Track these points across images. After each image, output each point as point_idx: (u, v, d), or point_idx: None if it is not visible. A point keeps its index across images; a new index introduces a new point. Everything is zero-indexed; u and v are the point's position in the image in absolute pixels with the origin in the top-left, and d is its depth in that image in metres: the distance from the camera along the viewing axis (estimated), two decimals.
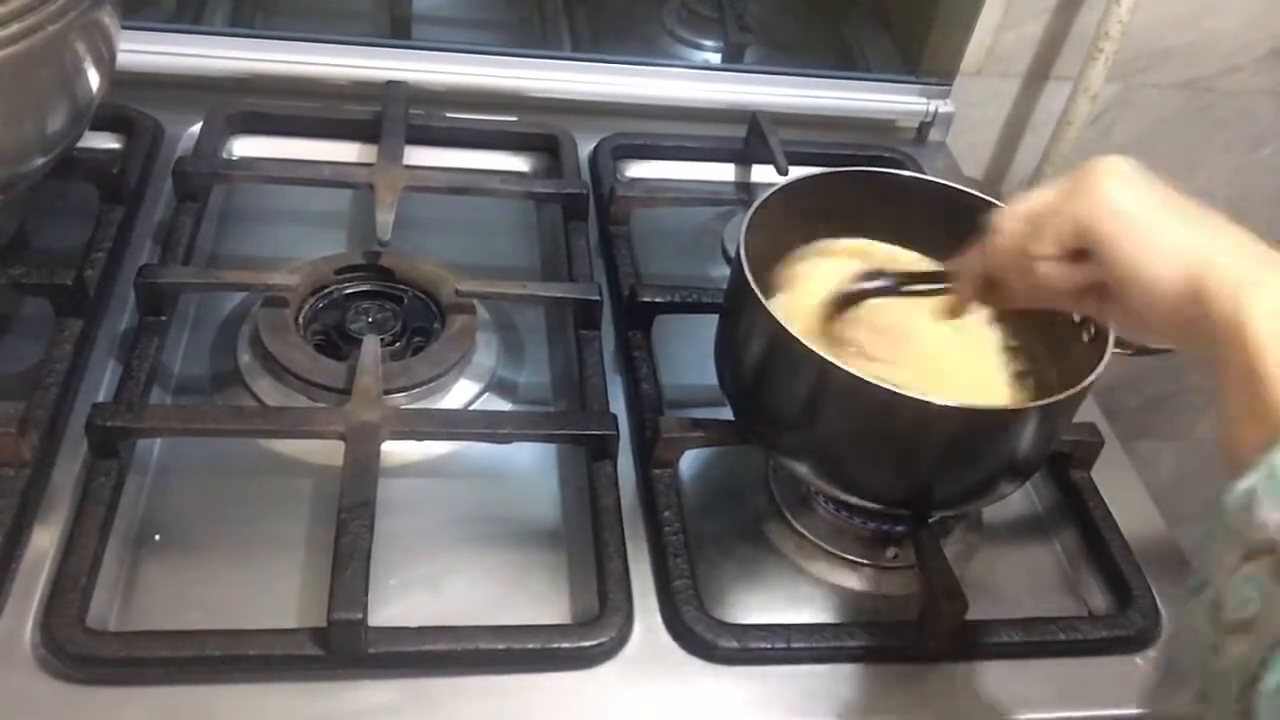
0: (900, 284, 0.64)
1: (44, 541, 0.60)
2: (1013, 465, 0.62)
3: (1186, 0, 1.06)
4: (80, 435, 0.63)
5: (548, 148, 0.94)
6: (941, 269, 0.64)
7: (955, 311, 0.61)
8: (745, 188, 0.96)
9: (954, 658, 0.62)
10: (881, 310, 0.65)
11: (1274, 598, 0.35)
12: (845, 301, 0.65)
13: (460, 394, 0.73)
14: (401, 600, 0.61)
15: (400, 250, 0.79)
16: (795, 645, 0.61)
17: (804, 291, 0.69)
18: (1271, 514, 0.35)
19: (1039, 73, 1.10)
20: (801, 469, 0.64)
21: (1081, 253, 0.49)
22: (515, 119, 0.96)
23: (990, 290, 0.56)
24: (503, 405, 0.74)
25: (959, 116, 1.07)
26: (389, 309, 0.76)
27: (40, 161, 0.69)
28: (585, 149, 0.95)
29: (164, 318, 0.72)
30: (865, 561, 0.67)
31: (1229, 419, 0.43)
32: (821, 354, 0.57)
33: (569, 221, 0.86)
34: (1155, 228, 0.47)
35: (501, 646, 0.58)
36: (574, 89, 1.00)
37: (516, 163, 0.95)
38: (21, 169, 0.68)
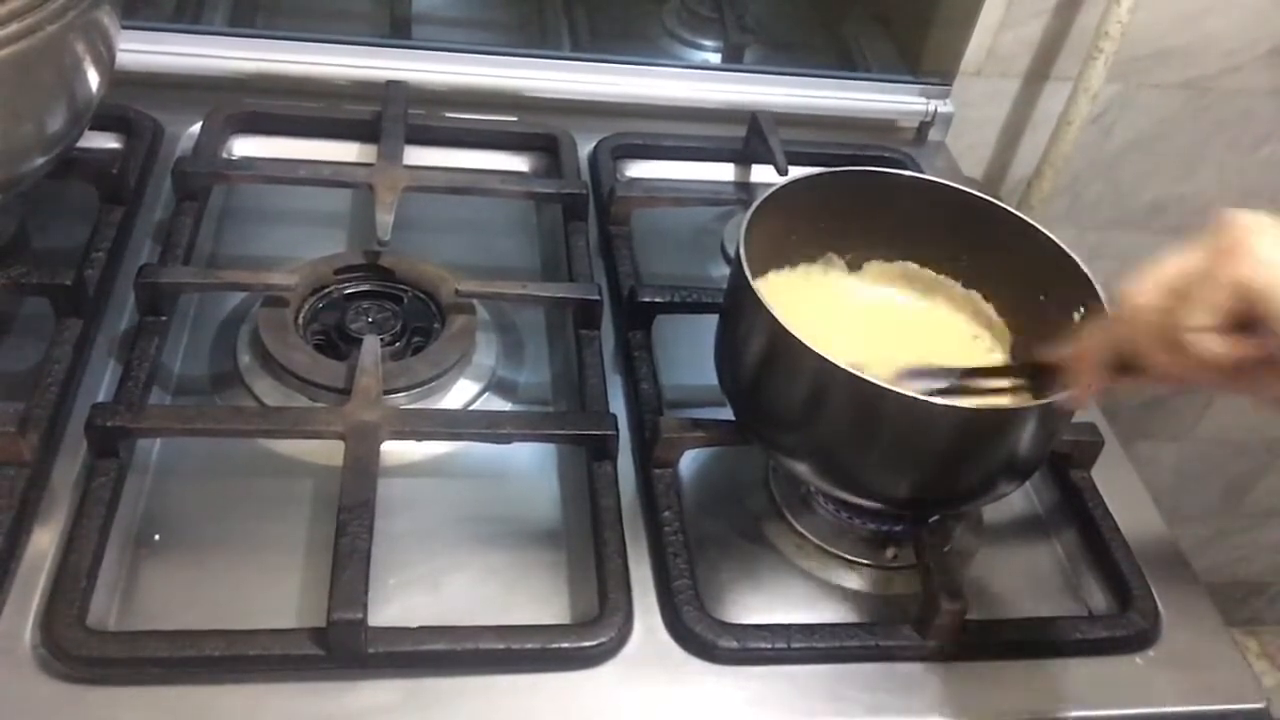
0: (965, 381, 0.63)
1: (44, 541, 0.60)
2: (1013, 465, 0.62)
3: (1186, 0, 1.06)
4: (80, 435, 0.63)
5: (548, 148, 0.94)
6: (1018, 363, 0.62)
7: (1080, 400, 0.57)
8: (745, 188, 0.96)
9: (954, 658, 0.62)
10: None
11: None
12: None
13: (460, 394, 0.73)
14: (401, 600, 0.61)
15: (400, 250, 0.79)
16: (795, 645, 0.61)
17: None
18: None
19: (1039, 73, 1.10)
20: (801, 469, 0.64)
21: (1240, 323, 0.46)
22: (515, 119, 0.96)
23: (1119, 373, 0.52)
24: (503, 405, 0.74)
25: (959, 116, 1.07)
26: (389, 309, 0.76)
27: (40, 161, 0.69)
28: (585, 149, 0.95)
29: (164, 318, 0.72)
30: (865, 561, 0.67)
31: None
32: (821, 353, 0.57)
33: (569, 221, 0.86)
34: None
35: (501, 646, 0.58)
36: (574, 89, 1.00)
37: (516, 163, 0.95)
38: (21, 169, 0.68)
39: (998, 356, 0.71)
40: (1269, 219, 0.46)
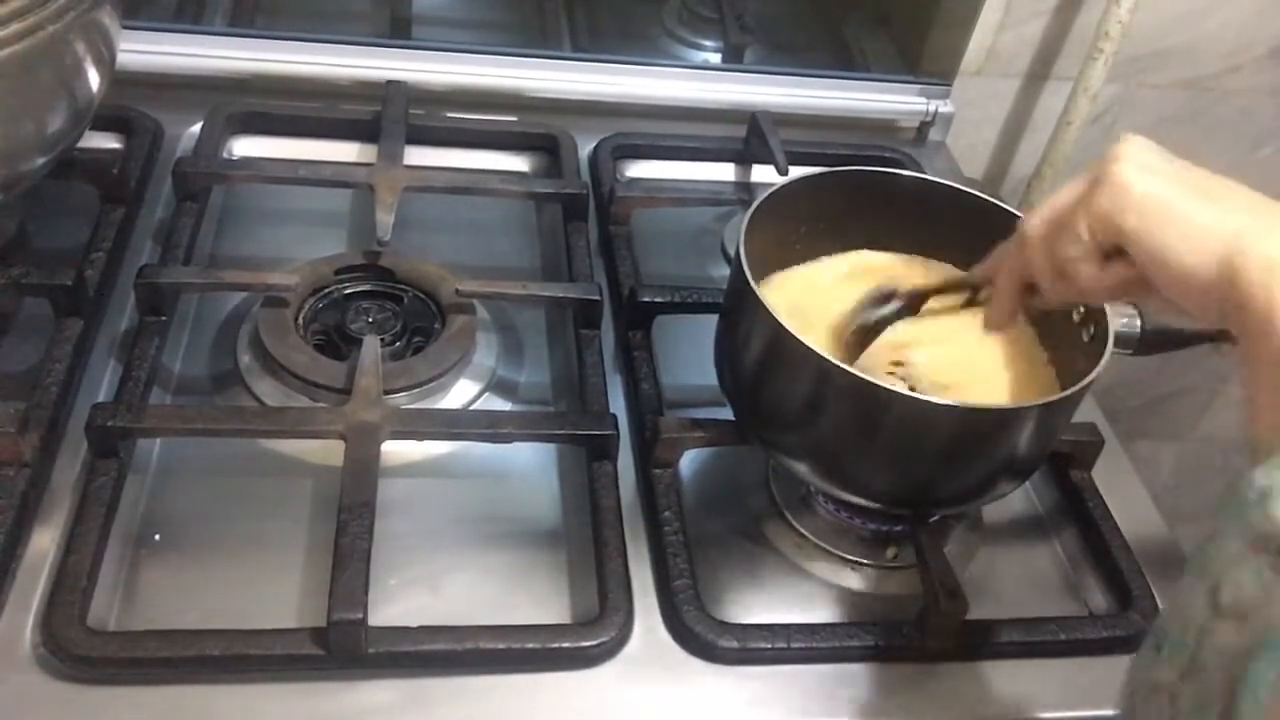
0: (917, 303, 0.64)
1: (44, 541, 0.60)
2: (1013, 465, 0.62)
3: (1186, 0, 1.06)
4: (80, 435, 0.63)
5: (548, 148, 0.94)
6: (960, 278, 0.64)
7: (998, 324, 0.59)
8: (745, 188, 0.96)
9: (954, 658, 0.62)
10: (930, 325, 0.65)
11: (1273, 590, 0.34)
12: (867, 332, 0.64)
13: (460, 394, 0.73)
14: (401, 600, 0.61)
15: (400, 250, 0.79)
16: (795, 645, 0.61)
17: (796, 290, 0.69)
18: None
19: (1039, 73, 1.10)
20: (801, 469, 0.64)
21: (1114, 248, 0.48)
22: (515, 119, 0.96)
23: (1028, 294, 0.55)
24: (503, 405, 0.74)
25: (959, 116, 1.07)
26: (389, 309, 0.76)
27: (40, 161, 0.69)
28: (585, 149, 0.95)
29: (164, 318, 0.72)
30: (865, 561, 0.67)
31: (1257, 406, 0.41)
32: (821, 353, 0.57)
33: (569, 221, 0.86)
34: (1182, 214, 0.45)
35: (501, 646, 0.58)
36: (574, 89, 1.00)
37: (516, 163, 0.95)
38: (21, 169, 0.68)
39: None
40: (1150, 147, 0.47)
